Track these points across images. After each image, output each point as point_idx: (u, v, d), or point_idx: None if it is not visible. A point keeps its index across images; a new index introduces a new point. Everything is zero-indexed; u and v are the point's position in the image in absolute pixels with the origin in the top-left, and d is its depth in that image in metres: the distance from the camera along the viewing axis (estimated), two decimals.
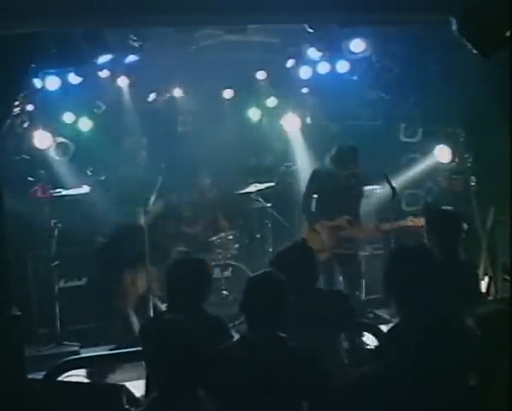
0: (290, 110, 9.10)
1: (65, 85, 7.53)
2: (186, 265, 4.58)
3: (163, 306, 5.31)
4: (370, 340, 5.37)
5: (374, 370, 3.53)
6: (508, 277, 6.85)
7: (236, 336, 4.01)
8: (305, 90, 9.03)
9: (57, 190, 8.07)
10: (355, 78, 8.46)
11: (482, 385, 3.08)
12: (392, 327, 3.93)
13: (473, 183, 7.68)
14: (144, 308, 7.13)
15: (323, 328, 4.33)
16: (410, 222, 6.94)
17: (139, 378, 5.03)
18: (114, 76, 8.12)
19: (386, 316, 7.43)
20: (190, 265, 4.55)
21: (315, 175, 7.43)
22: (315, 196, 7.41)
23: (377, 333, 5.15)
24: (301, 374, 3.59)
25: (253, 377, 3.53)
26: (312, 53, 8.00)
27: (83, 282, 7.97)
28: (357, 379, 2.86)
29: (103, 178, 8.64)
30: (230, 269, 8.21)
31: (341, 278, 7.45)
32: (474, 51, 4.60)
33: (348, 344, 4.96)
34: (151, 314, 6.96)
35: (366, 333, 5.51)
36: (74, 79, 7.49)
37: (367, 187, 7.66)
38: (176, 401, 3.22)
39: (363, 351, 5.29)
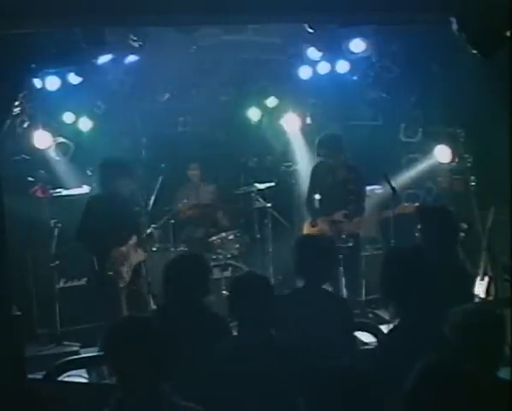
0: (290, 110, 9.10)
1: (65, 85, 7.53)
2: (184, 261, 4.63)
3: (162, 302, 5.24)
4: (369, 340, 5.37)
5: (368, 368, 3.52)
6: (508, 277, 6.84)
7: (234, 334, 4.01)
8: (305, 90, 9.02)
9: (57, 190, 8.07)
10: (355, 78, 8.46)
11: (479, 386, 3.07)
12: (391, 329, 3.92)
13: (473, 183, 7.67)
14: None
15: None
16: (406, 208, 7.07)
17: None
18: (114, 76, 8.11)
19: (386, 316, 7.42)
20: (188, 260, 4.61)
21: (314, 172, 7.63)
22: (317, 194, 7.54)
23: (376, 333, 5.15)
24: (296, 371, 3.58)
25: (247, 376, 3.52)
26: (312, 53, 8.01)
27: (83, 282, 7.95)
28: (353, 377, 2.85)
29: None
30: (230, 269, 8.20)
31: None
32: (474, 51, 4.60)
33: None
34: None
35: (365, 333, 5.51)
36: (74, 79, 7.48)
37: (366, 184, 7.73)
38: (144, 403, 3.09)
39: None
